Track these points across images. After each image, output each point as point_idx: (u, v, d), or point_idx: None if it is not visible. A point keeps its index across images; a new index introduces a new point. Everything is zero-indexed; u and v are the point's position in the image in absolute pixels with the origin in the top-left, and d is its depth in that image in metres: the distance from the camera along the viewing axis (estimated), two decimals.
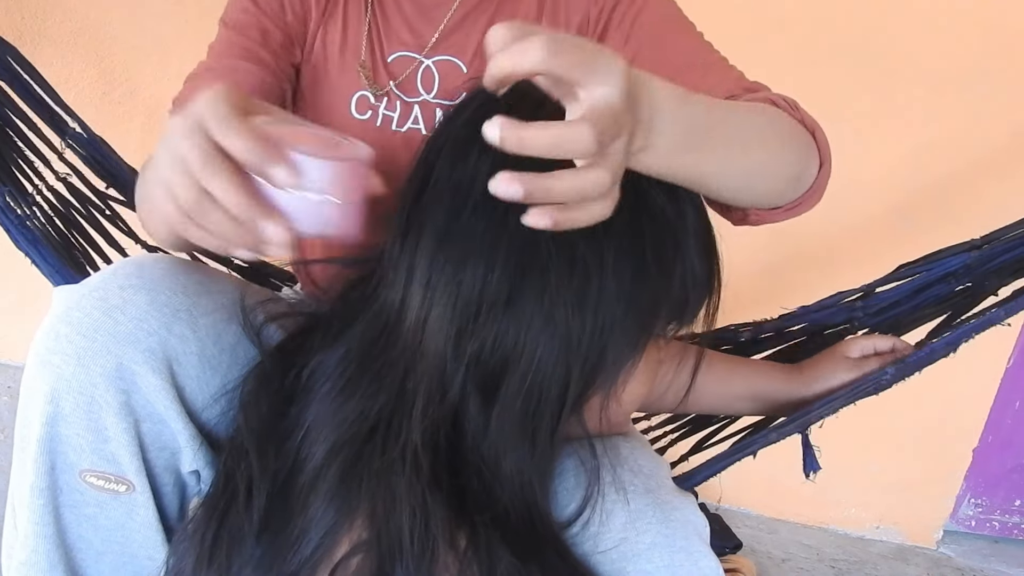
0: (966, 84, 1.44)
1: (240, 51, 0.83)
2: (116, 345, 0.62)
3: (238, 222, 0.50)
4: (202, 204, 0.50)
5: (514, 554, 0.59)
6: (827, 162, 0.73)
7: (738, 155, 0.62)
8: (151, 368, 0.63)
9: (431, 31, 0.88)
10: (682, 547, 0.63)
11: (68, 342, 0.62)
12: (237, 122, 0.50)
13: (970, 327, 0.78)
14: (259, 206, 0.50)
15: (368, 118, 0.89)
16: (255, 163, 0.49)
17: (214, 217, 0.50)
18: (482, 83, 0.67)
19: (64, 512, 0.66)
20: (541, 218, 0.47)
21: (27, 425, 0.65)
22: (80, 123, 1.05)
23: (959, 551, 1.74)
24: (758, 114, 0.67)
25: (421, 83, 0.89)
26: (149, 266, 0.66)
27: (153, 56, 1.54)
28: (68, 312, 0.63)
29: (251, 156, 0.49)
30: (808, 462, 0.85)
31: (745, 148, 0.63)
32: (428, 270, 0.59)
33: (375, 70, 0.89)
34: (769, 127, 0.67)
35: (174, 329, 0.64)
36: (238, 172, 0.50)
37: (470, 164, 0.59)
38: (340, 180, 0.53)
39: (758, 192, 0.68)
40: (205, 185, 0.49)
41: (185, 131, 0.50)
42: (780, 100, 0.73)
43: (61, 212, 0.99)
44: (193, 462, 0.68)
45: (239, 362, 0.69)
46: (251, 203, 0.50)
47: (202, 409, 0.68)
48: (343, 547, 0.60)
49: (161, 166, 0.52)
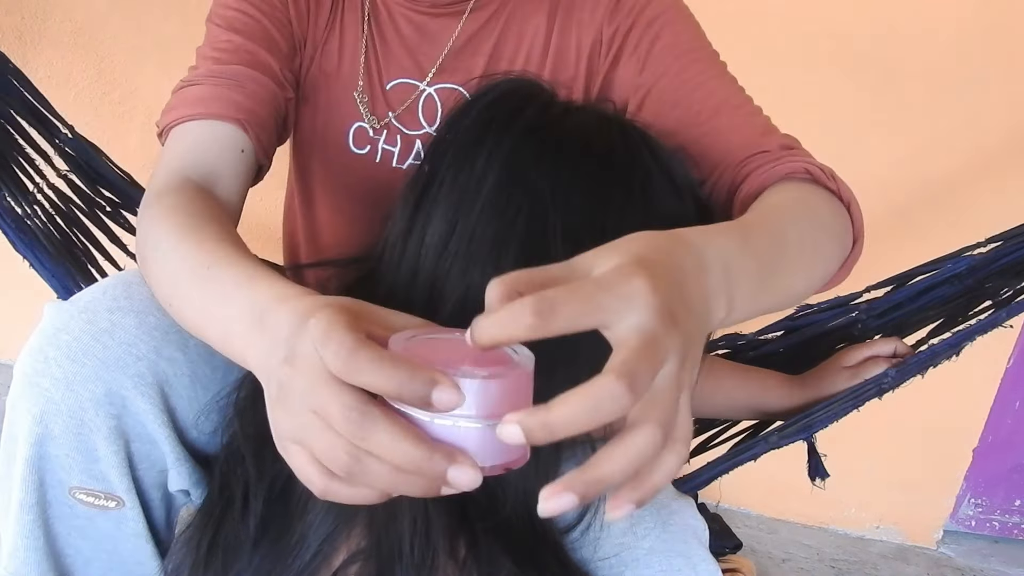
0: (966, 84, 1.44)
1: (244, 56, 0.77)
2: (105, 371, 0.61)
3: (410, 472, 0.41)
4: (362, 463, 0.41)
5: (515, 562, 0.59)
6: (860, 238, 0.70)
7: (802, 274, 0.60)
8: (141, 393, 0.62)
9: (433, 56, 0.84)
10: (681, 552, 0.63)
11: (57, 366, 0.61)
12: (370, 352, 0.40)
13: (972, 329, 0.78)
14: (440, 450, 0.40)
15: (367, 153, 0.86)
16: (414, 395, 0.39)
17: (378, 472, 0.41)
18: (487, 84, 0.67)
19: (53, 524, 0.66)
20: (621, 511, 0.40)
21: (13, 441, 0.64)
22: (70, 129, 1.04)
23: (959, 551, 1.74)
24: (808, 215, 0.65)
25: (423, 114, 0.85)
26: (138, 285, 0.65)
27: (153, 56, 1.53)
28: (56, 334, 0.62)
29: (407, 388, 0.39)
30: (815, 469, 0.84)
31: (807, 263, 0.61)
32: (433, 271, 0.59)
33: (373, 98, 0.84)
34: (821, 230, 0.65)
35: (164, 352, 0.63)
36: (395, 416, 0.41)
37: (477, 167, 0.59)
38: (506, 399, 0.42)
39: (803, 298, 0.66)
40: (362, 445, 0.40)
41: (310, 379, 0.41)
42: (816, 170, 0.70)
43: (62, 209, 0.98)
44: (181, 481, 0.67)
45: (232, 380, 0.68)
46: (429, 449, 0.40)
47: (192, 427, 0.67)
48: (342, 554, 0.60)
49: (286, 427, 0.44)
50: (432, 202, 0.60)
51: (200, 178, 0.70)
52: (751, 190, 0.72)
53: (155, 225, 0.64)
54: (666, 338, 0.39)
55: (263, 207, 1.23)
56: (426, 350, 0.44)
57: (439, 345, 0.45)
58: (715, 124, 0.77)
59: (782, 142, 0.75)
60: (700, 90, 0.78)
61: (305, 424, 0.42)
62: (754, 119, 0.78)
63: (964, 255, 0.91)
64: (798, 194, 0.67)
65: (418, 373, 0.39)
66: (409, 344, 0.44)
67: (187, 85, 0.76)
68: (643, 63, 0.80)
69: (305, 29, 0.83)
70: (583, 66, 0.84)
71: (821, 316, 0.98)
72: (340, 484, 0.43)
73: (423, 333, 0.46)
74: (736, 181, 0.74)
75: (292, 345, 0.43)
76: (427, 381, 0.39)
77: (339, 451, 0.41)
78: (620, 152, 0.62)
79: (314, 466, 0.43)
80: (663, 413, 0.40)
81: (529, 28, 0.83)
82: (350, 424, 0.40)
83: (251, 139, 0.74)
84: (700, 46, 0.82)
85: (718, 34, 0.84)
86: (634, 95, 0.81)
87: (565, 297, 0.38)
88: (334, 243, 0.94)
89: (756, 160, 0.73)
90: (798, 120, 0.79)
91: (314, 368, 0.41)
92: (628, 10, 0.81)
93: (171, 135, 0.74)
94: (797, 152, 0.74)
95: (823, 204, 0.67)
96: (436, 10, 0.83)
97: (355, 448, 0.41)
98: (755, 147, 0.74)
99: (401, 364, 0.40)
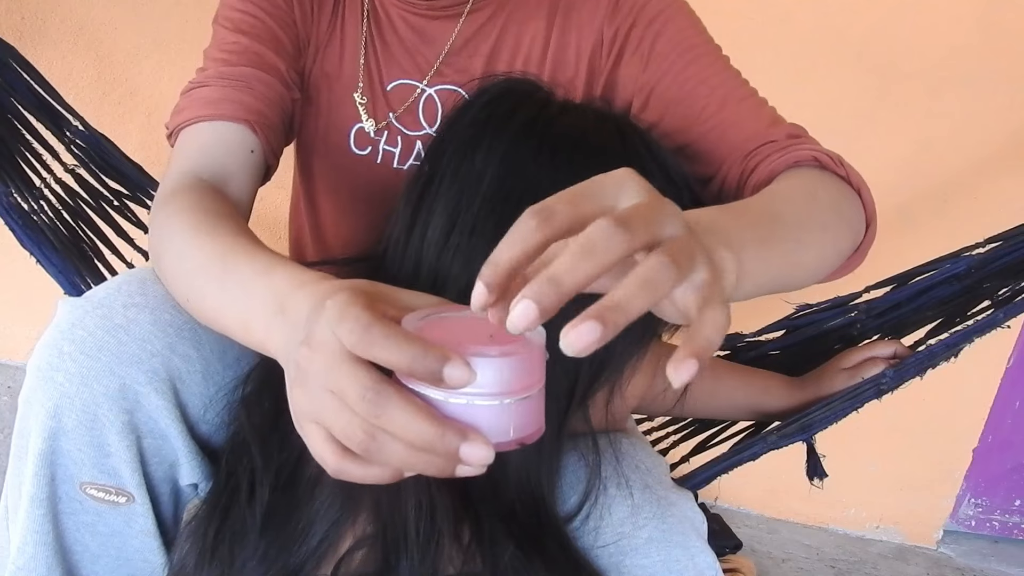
0: (966, 84, 1.44)
1: (252, 58, 0.78)
2: (120, 366, 0.62)
3: (423, 450, 0.42)
4: (377, 440, 0.42)
5: (518, 546, 0.59)
6: (873, 222, 0.71)
7: (811, 248, 0.60)
8: (154, 388, 0.63)
9: (432, 57, 0.84)
10: (679, 542, 0.64)
11: (72, 360, 0.62)
12: (384, 328, 0.41)
13: (970, 330, 0.78)
14: (452, 428, 0.41)
15: (368, 154, 0.86)
16: (426, 370, 0.40)
17: (393, 450, 0.42)
18: (485, 84, 0.67)
19: (62, 519, 0.66)
20: (682, 368, 0.37)
21: (26, 436, 0.65)
22: (81, 121, 1.05)
23: (959, 551, 1.74)
24: (809, 195, 0.65)
25: (423, 115, 0.85)
26: (152, 282, 0.66)
27: (153, 56, 1.53)
28: (72, 329, 0.62)
29: (419, 364, 0.40)
30: (814, 469, 0.84)
31: (815, 239, 0.61)
32: (435, 265, 0.59)
33: (373, 99, 0.85)
34: (827, 209, 0.65)
35: (177, 348, 0.64)
36: (409, 395, 0.42)
37: (476, 163, 0.60)
38: (519, 376, 0.43)
39: (819, 275, 0.66)
40: (377, 422, 0.41)
41: (327, 360, 0.42)
42: (824, 156, 0.71)
43: (69, 204, 0.98)
44: (192, 475, 0.68)
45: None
46: (441, 427, 0.41)
47: (203, 421, 0.68)
48: (348, 540, 0.60)
49: (304, 407, 0.45)
50: (433, 199, 0.62)
51: (212, 178, 0.71)
52: (760, 179, 0.72)
53: (169, 223, 0.65)
54: (666, 204, 0.40)
55: (259, 205, 1.23)
56: (440, 330, 0.45)
57: (453, 325, 0.46)
58: (721, 118, 0.77)
59: (789, 131, 0.76)
60: (704, 86, 0.78)
61: (323, 404, 0.43)
62: (760, 111, 0.79)
63: (963, 255, 0.91)
64: (804, 180, 0.68)
65: (431, 350, 0.40)
66: (423, 323, 0.45)
67: (196, 87, 0.77)
68: (646, 61, 0.81)
69: (309, 30, 0.84)
70: (584, 67, 0.84)
71: (820, 316, 0.98)
72: (354, 463, 0.43)
73: (437, 312, 0.47)
74: (745, 172, 0.75)
75: (310, 327, 0.45)
76: (439, 358, 0.40)
77: (355, 428, 0.42)
78: (616, 148, 0.63)
79: (330, 444, 0.43)
80: (678, 250, 0.39)
81: (528, 30, 0.84)
82: (365, 403, 0.41)
83: (260, 140, 0.75)
84: (702, 41, 0.82)
85: (717, 34, 0.84)
86: (638, 94, 0.82)
87: (557, 197, 0.40)
88: (338, 243, 0.95)
89: (764, 150, 0.74)
90: (798, 120, 0.79)
91: (331, 349, 0.42)
92: (628, 9, 0.82)
93: (181, 136, 0.75)
94: (804, 140, 0.75)
95: (831, 188, 0.68)
96: (433, 12, 0.83)
97: (370, 426, 0.41)
98: (762, 138, 0.75)
99: (414, 340, 0.41)
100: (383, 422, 0.41)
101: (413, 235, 0.61)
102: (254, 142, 0.75)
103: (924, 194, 1.52)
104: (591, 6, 0.83)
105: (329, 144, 0.87)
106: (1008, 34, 1.41)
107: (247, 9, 0.80)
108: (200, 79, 0.77)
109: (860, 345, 0.92)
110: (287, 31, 0.81)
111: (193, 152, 0.73)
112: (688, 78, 0.79)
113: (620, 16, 0.82)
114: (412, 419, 0.41)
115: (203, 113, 0.74)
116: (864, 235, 0.71)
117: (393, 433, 0.41)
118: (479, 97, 0.65)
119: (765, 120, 0.77)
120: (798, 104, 0.82)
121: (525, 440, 0.44)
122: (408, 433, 0.41)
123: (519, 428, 0.44)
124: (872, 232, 0.71)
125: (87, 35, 1.53)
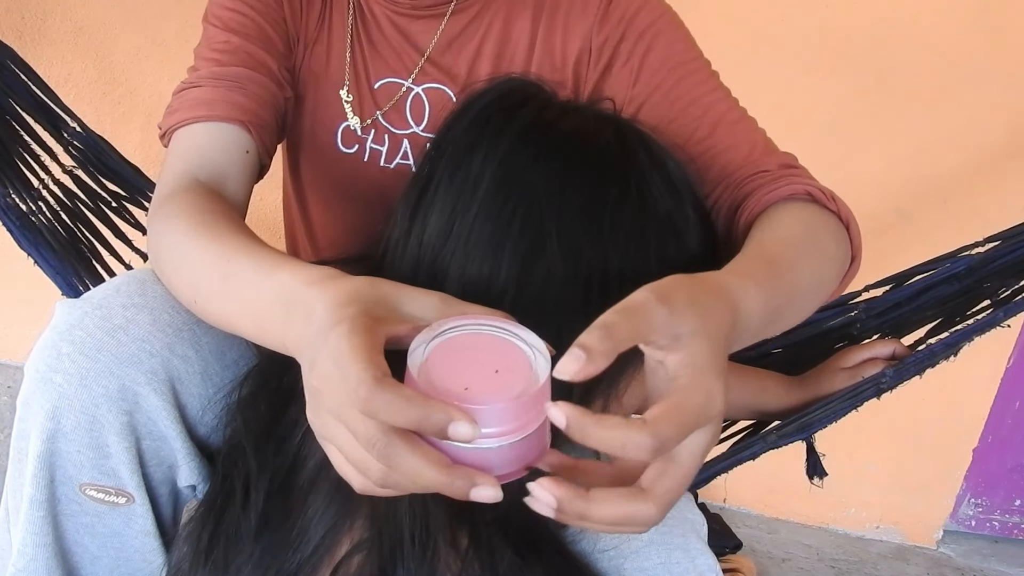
0: (966, 84, 1.44)
1: (244, 57, 0.77)
2: (119, 366, 0.62)
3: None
4: (392, 478, 0.45)
5: (516, 553, 0.59)
6: (858, 256, 0.72)
7: (805, 309, 0.64)
8: (154, 389, 0.63)
9: (416, 56, 0.84)
10: (679, 545, 0.63)
11: (71, 361, 0.61)
12: (386, 394, 0.42)
13: (970, 329, 0.78)
14: (460, 474, 0.43)
15: (355, 152, 0.86)
16: (432, 429, 0.43)
17: (407, 486, 0.45)
18: (486, 84, 0.67)
19: (62, 520, 0.66)
20: (542, 503, 0.44)
21: (25, 438, 0.64)
22: (79, 122, 1.05)
23: (959, 551, 1.74)
24: (817, 249, 0.67)
25: (410, 113, 0.85)
26: (151, 283, 0.65)
27: (153, 56, 1.53)
28: (71, 330, 0.62)
29: (425, 424, 0.42)
30: (814, 468, 0.84)
31: (810, 299, 0.64)
32: (432, 268, 0.59)
33: (360, 97, 0.85)
34: (828, 262, 0.67)
35: (177, 349, 0.64)
36: (417, 442, 0.44)
37: (474, 166, 0.60)
38: (526, 413, 0.45)
39: (806, 316, 0.67)
40: (391, 470, 0.44)
41: (337, 402, 0.44)
42: (817, 191, 0.71)
43: (67, 206, 0.98)
44: (190, 477, 0.68)
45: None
46: (450, 475, 0.43)
47: (201, 423, 0.68)
48: (344, 546, 0.60)
49: (316, 424, 0.47)
50: (430, 202, 0.61)
51: (208, 180, 0.71)
52: (754, 211, 0.72)
53: (169, 227, 0.64)
54: (711, 407, 0.45)
55: (259, 206, 1.23)
56: (447, 365, 0.46)
57: (461, 353, 0.47)
58: (713, 142, 0.77)
59: (782, 160, 0.76)
60: (696, 105, 0.78)
61: (336, 433, 0.46)
62: (752, 135, 0.78)
63: (963, 254, 0.91)
64: (804, 221, 0.68)
65: (435, 409, 0.42)
66: (430, 353, 0.46)
67: (188, 87, 0.76)
68: (636, 75, 0.80)
69: (298, 28, 0.84)
70: (569, 71, 0.84)
71: (820, 315, 0.98)
72: (376, 485, 0.46)
73: (443, 329, 0.48)
74: (737, 200, 0.75)
75: (315, 353, 0.46)
76: (444, 418, 0.42)
77: (370, 464, 0.44)
78: (616, 151, 0.63)
79: (350, 467, 0.46)
80: (671, 490, 0.45)
81: (514, 30, 0.84)
82: (375, 450, 0.43)
83: (255, 140, 0.75)
84: (693, 57, 0.81)
85: (716, 34, 0.84)
86: (627, 107, 0.81)
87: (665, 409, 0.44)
88: (328, 242, 0.95)
89: (757, 180, 0.74)
90: (798, 120, 0.80)
91: (337, 390, 0.44)
92: (618, 19, 0.81)
93: (175, 137, 0.75)
94: (797, 171, 0.75)
95: (828, 231, 0.69)
96: (416, 12, 0.83)
97: (383, 466, 0.44)
98: (755, 166, 0.75)
99: (417, 402, 0.42)
100: (393, 467, 0.43)
101: (411, 238, 0.61)
102: (249, 142, 0.75)
103: (924, 194, 1.52)
104: (578, 10, 0.82)
105: (316, 142, 0.87)
106: (1008, 34, 1.41)
107: (237, 8, 0.80)
108: (193, 79, 0.77)
109: (860, 344, 0.92)
110: (277, 29, 0.81)
111: (188, 153, 0.73)
112: (679, 96, 0.78)
113: (609, 26, 0.81)
114: (421, 469, 0.43)
115: (197, 114, 0.74)
116: (848, 269, 0.71)
117: (404, 477, 0.44)
118: (479, 99, 0.65)
119: (759, 147, 0.77)
120: (798, 105, 0.82)
121: (530, 464, 0.46)
122: (418, 480, 0.43)
123: (526, 457, 0.46)
124: (856, 265, 0.72)
125: (87, 35, 1.53)
